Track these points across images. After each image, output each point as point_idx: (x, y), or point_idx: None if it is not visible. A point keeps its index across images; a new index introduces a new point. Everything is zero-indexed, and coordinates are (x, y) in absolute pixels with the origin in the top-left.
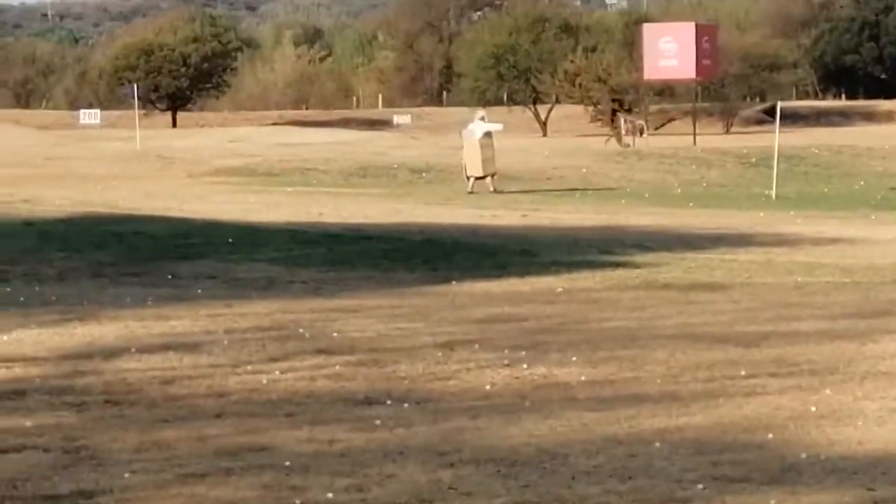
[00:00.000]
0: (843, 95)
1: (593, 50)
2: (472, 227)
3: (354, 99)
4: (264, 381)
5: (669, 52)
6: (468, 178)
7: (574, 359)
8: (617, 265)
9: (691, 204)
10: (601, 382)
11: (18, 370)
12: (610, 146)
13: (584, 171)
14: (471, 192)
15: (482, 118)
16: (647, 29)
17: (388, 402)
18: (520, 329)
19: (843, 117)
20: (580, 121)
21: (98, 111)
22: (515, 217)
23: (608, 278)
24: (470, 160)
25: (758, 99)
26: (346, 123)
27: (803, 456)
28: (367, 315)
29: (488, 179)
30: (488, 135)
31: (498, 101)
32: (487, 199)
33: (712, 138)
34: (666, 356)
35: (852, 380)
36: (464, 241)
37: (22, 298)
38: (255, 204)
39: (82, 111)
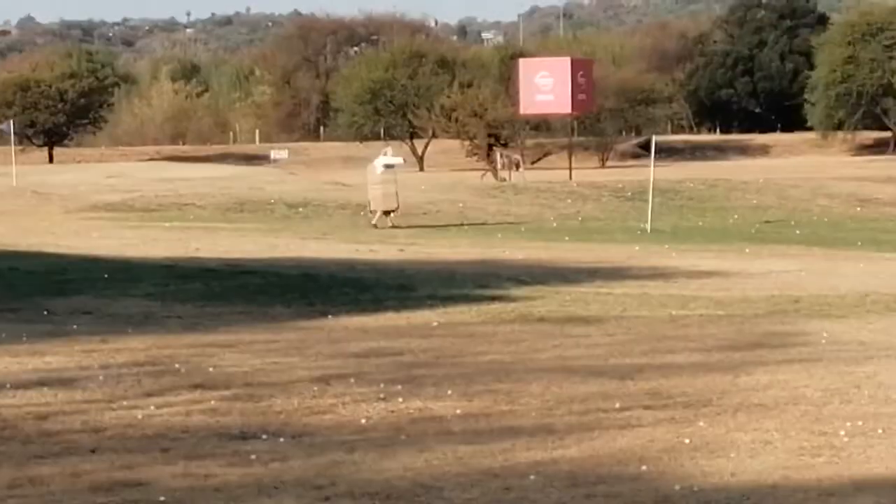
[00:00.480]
0: (718, 129)
1: (469, 85)
2: (350, 261)
3: (232, 134)
4: (140, 417)
5: (545, 86)
6: (371, 212)
7: (450, 392)
8: (493, 299)
9: (567, 238)
10: (476, 416)
11: None
12: (486, 180)
13: (461, 205)
14: (374, 226)
15: (385, 153)
16: (523, 64)
17: (264, 436)
18: (396, 363)
19: (718, 151)
20: (457, 155)
21: None
22: (392, 251)
23: (484, 312)
24: (372, 195)
25: (633, 133)
26: (223, 158)
27: (677, 487)
28: (244, 350)
29: (391, 214)
30: (390, 170)
31: (375, 136)
32: (366, 233)
33: (588, 172)
34: (541, 389)
35: (725, 412)
36: (340, 275)
37: None
38: (131, 239)
39: None
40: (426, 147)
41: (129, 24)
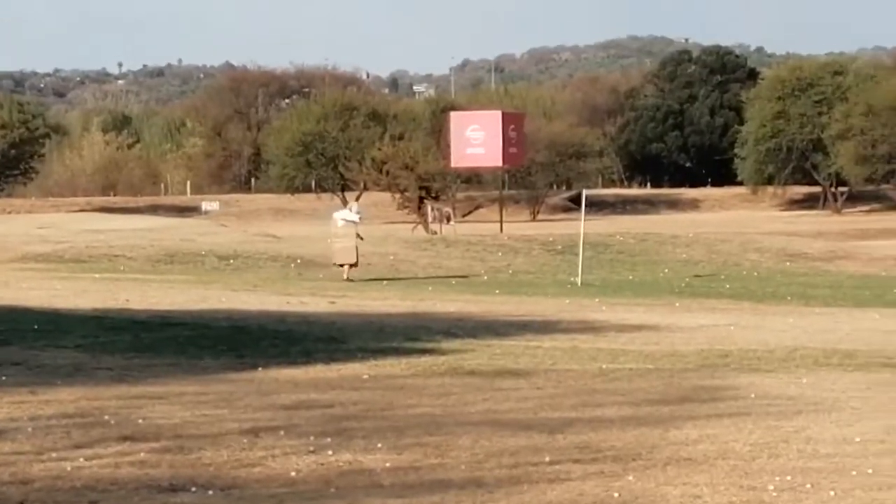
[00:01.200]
0: (649, 183)
1: (401, 137)
2: (280, 313)
3: (163, 185)
4: (69, 469)
5: (476, 140)
6: (339, 265)
7: (379, 445)
8: (423, 352)
9: (497, 291)
10: (406, 469)
11: None
12: (417, 233)
13: (392, 258)
14: (348, 280)
15: (350, 209)
16: (455, 117)
17: (193, 489)
18: (326, 415)
19: (649, 205)
20: (388, 208)
21: None
22: (323, 304)
23: (414, 365)
24: (333, 248)
25: (564, 187)
26: (154, 210)
27: None
28: (173, 402)
29: (345, 268)
30: (350, 224)
31: (306, 188)
32: (296, 285)
33: (519, 225)
34: (471, 442)
35: (655, 466)
36: (270, 327)
37: None
38: (61, 290)
39: None
40: (357, 199)
41: (60, 74)
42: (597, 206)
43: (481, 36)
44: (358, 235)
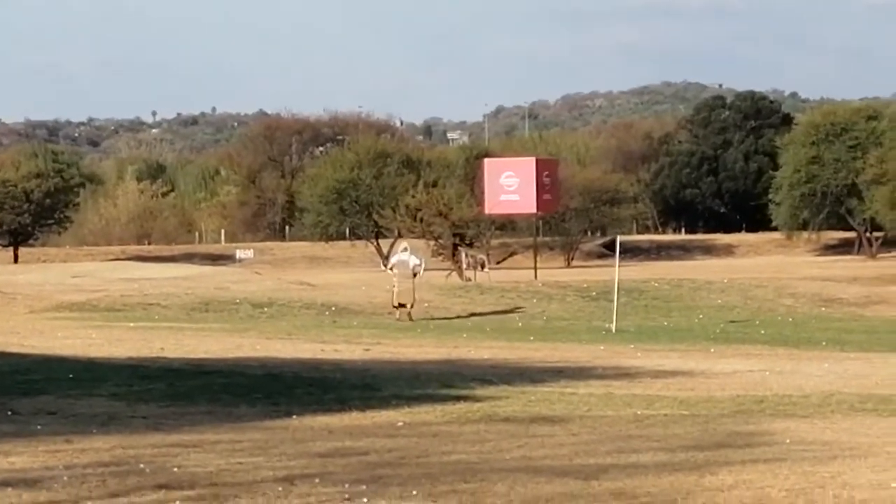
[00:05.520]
0: (683, 229)
1: (435, 184)
2: (314, 361)
3: (197, 234)
4: None
5: (510, 186)
6: (399, 305)
7: (414, 492)
8: (458, 399)
9: (532, 337)
10: None
11: None
12: (451, 280)
13: (427, 305)
14: (410, 318)
15: (405, 249)
16: (489, 164)
17: None
18: (360, 463)
19: (683, 251)
20: (422, 255)
21: None
22: (357, 351)
23: (449, 412)
24: (403, 289)
25: (598, 233)
26: (188, 258)
27: None
28: (208, 450)
29: (406, 307)
30: (404, 265)
31: (340, 236)
32: (330, 333)
33: (553, 272)
34: (506, 489)
35: None
36: (305, 375)
37: None
38: (96, 339)
39: None
40: (392, 247)
41: (94, 123)
42: (631, 252)
43: (515, 83)
44: (414, 274)
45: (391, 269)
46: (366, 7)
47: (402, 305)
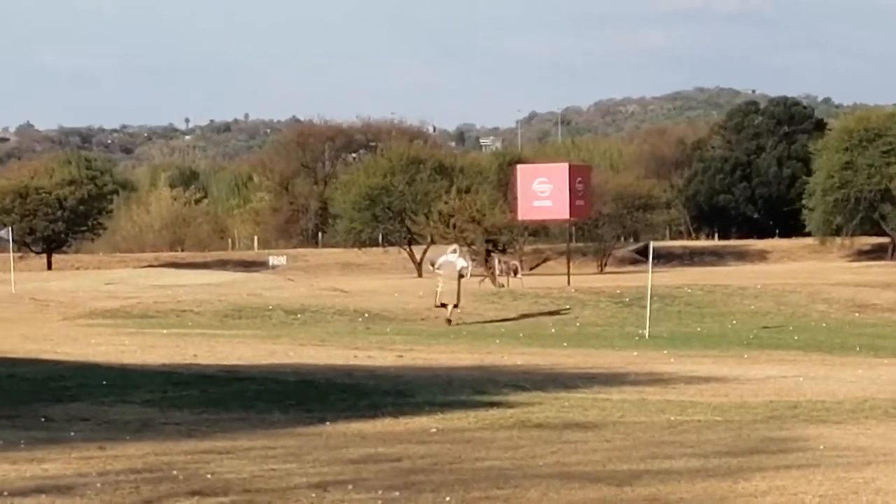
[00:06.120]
0: (716, 235)
1: (467, 191)
2: (347, 367)
3: (230, 240)
4: None
5: (543, 192)
6: (441, 305)
7: (448, 499)
8: (491, 405)
9: (565, 343)
10: None
11: None
12: (484, 286)
13: (459, 311)
14: (449, 321)
15: (454, 251)
16: (521, 170)
17: None
18: (394, 469)
19: (716, 257)
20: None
21: None
22: (390, 357)
23: (482, 418)
24: (448, 290)
25: (631, 239)
26: (221, 265)
27: None
28: (241, 456)
29: (448, 307)
30: (464, 268)
31: (373, 242)
32: (363, 339)
33: (586, 278)
34: (539, 495)
35: None
36: (338, 381)
37: None
38: (129, 346)
39: None
40: (424, 253)
41: (127, 130)
42: (664, 257)
43: (547, 89)
44: (461, 276)
45: (438, 268)
46: (398, 14)
47: (443, 305)
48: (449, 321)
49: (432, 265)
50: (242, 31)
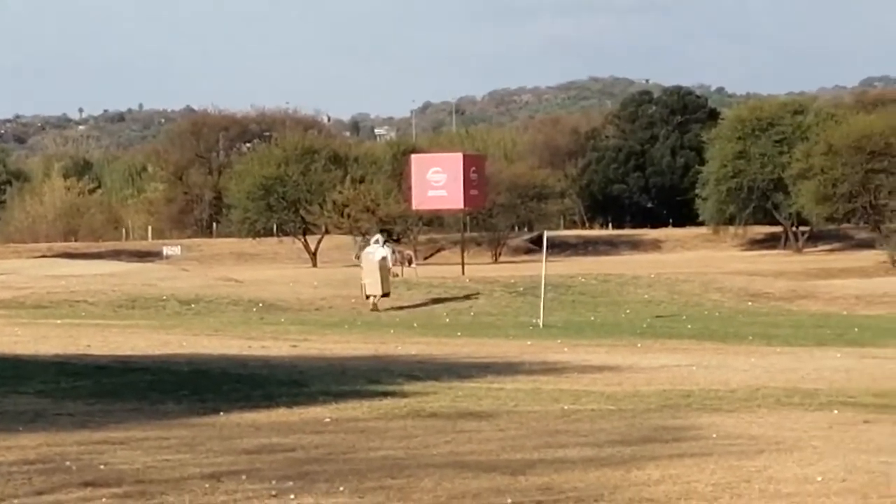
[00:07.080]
0: (610, 224)
1: (362, 180)
2: (242, 357)
3: (124, 230)
4: None
5: (438, 182)
6: (368, 297)
7: (342, 489)
8: (385, 394)
9: (459, 333)
10: None
11: None
12: None
13: (354, 301)
14: (374, 310)
15: (377, 241)
16: (416, 160)
17: None
18: (288, 459)
19: (610, 246)
20: (350, 251)
21: None
22: (285, 347)
23: (376, 408)
24: (371, 280)
25: (526, 228)
26: (115, 255)
27: None
28: (135, 447)
29: (375, 298)
30: (384, 259)
31: (268, 232)
32: (257, 329)
33: (481, 267)
34: (433, 485)
35: None
36: (232, 371)
37: None
38: (22, 336)
39: None
40: (319, 243)
41: (20, 120)
42: (558, 247)
43: (442, 78)
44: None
45: (356, 257)
46: (293, 4)
47: (385, 295)
48: (375, 307)
49: (357, 258)
50: (137, 21)
